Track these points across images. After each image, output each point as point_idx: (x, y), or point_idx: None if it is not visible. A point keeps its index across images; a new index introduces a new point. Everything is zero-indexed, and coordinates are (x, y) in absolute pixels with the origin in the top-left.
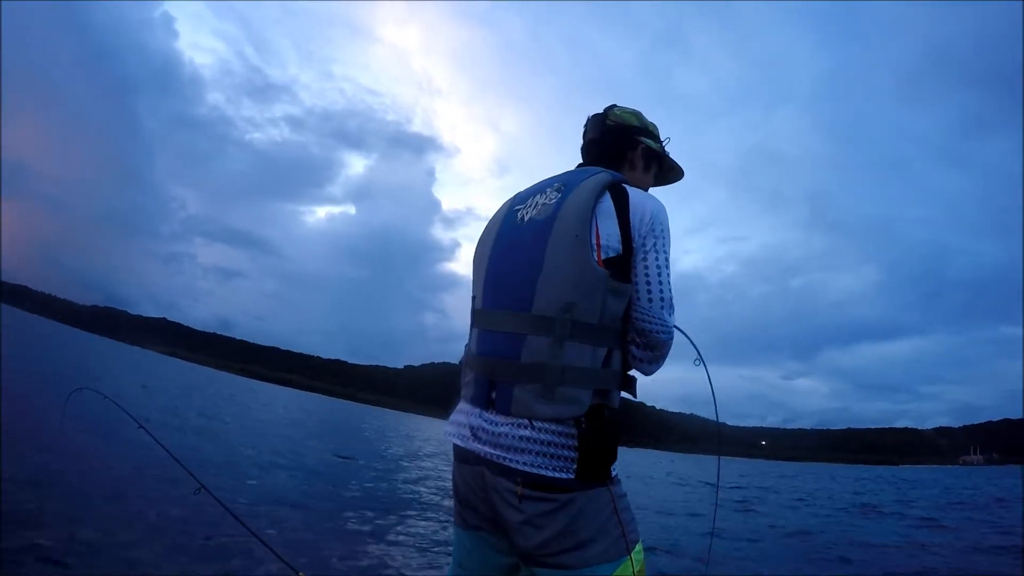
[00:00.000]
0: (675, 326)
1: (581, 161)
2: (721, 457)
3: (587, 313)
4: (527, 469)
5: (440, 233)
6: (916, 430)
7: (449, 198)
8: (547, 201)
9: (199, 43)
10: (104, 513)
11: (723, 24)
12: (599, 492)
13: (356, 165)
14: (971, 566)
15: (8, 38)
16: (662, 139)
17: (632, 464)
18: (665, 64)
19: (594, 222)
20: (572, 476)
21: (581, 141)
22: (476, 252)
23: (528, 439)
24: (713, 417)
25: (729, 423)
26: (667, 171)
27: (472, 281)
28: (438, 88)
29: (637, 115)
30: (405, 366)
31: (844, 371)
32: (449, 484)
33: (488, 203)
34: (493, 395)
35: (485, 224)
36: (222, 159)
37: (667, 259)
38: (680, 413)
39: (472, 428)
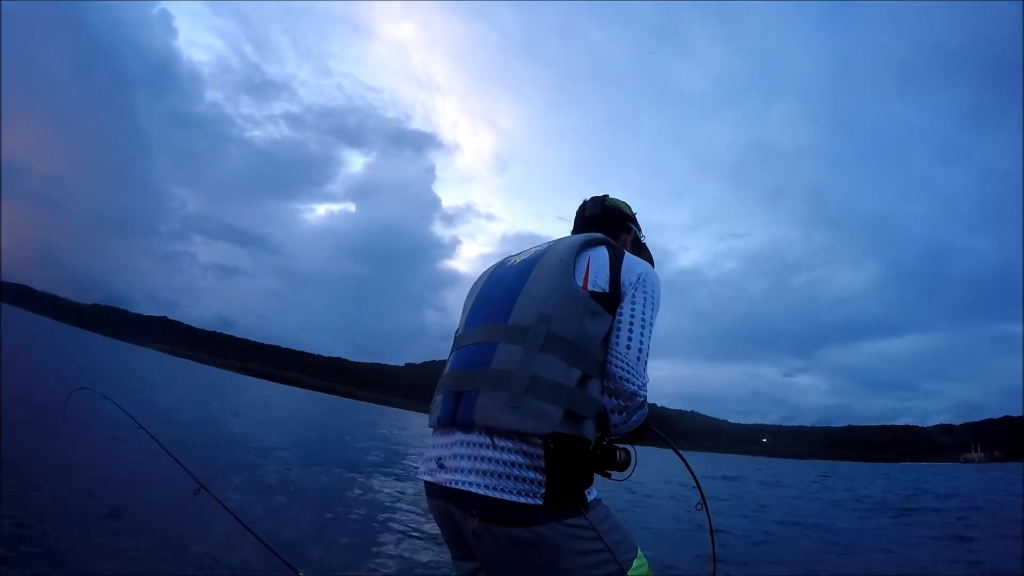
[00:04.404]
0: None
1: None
2: (724, 455)
3: (563, 327)
4: (487, 493)
5: (440, 230)
6: (917, 427)
7: (449, 195)
8: (539, 246)
9: (196, 40)
10: (103, 514)
11: (719, 17)
12: (576, 522)
13: (356, 162)
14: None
15: (5, 37)
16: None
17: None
18: (662, 58)
19: (586, 260)
20: (539, 502)
21: (574, 219)
22: (466, 299)
23: (489, 459)
24: (715, 415)
25: (731, 420)
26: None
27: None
28: (437, 84)
29: (628, 206)
30: (406, 364)
31: (845, 368)
32: None
33: (488, 200)
34: (458, 409)
35: (485, 223)
36: (221, 157)
37: (651, 320)
38: (680, 411)
39: (438, 460)
